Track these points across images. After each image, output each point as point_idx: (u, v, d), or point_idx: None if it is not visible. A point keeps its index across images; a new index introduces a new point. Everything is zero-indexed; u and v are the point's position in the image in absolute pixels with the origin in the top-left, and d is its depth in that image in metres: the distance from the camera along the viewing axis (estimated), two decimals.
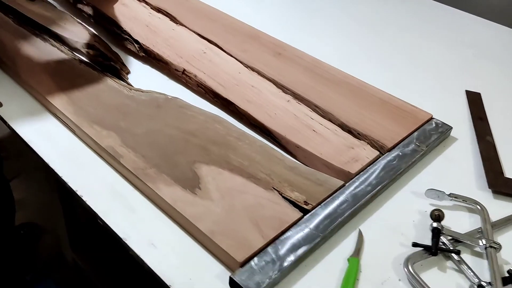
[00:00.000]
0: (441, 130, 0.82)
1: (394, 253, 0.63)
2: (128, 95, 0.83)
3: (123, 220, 0.64)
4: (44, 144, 0.74)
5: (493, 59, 1.09)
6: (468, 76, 1.02)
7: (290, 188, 0.67)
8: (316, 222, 0.63)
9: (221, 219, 0.62)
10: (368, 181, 0.70)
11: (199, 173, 0.68)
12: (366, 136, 0.78)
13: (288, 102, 0.83)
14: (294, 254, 0.59)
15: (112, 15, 1.01)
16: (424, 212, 0.69)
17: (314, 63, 0.96)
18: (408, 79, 1.00)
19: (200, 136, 0.75)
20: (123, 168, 0.69)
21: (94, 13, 1.04)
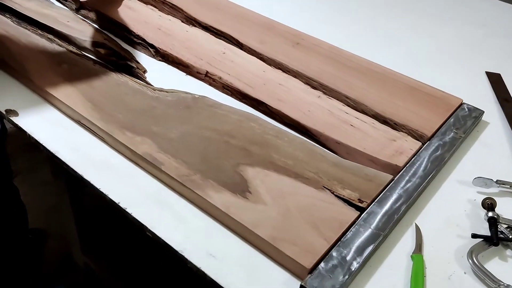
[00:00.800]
0: (474, 115, 0.81)
1: (453, 245, 0.62)
2: (153, 97, 0.79)
3: (175, 231, 0.61)
4: (73, 155, 0.70)
5: (504, 38, 1.09)
6: (484, 57, 1.02)
7: (341, 186, 0.65)
8: (376, 220, 0.61)
9: (279, 224, 0.59)
10: (416, 173, 0.69)
11: (245, 176, 0.65)
12: (403, 126, 0.76)
13: (319, 98, 0.81)
14: (360, 256, 0.57)
15: (121, 19, 0.96)
16: (474, 201, 0.68)
17: (333, 51, 0.93)
18: (426, 63, 0.98)
19: (238, 137, 0.72)
20: (165, 176, 0.66)
21: (99, 18, 0.98)
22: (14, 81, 0.83)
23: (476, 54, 1.03)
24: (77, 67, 0.83)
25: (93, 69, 0.83)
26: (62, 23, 0.95)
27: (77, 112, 0.74)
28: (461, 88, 0.89)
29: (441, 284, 0.58)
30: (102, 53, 0.89)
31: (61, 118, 0.77)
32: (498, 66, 0.98)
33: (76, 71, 0.82)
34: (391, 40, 1.05)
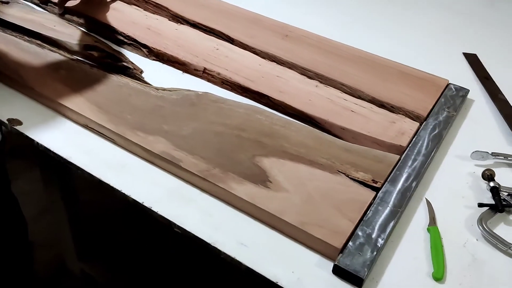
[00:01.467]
0: (461, 94, 0.86)
1: (463, 216, 0.67)
2: (158, 96, 0.79)
3: (203, 224, 0.63)
4: (86, 159, 0.70)
5: (476, 21, 1.15)
6: (460, 40, 1.08)
7: (354, 169, 0.68)
8: (392, 198, 0.65)
9: (304, 209, 0.62)
10: (420, 152, 0.73)
11: (263, 166, 0.68)
12: (400, 108, 0.81)
13: (316, 87, 0.84)
14: (383, 233, 0.61)
15: (108, 21, 0.95)
16: (473, 173, 0.73)
17: (322, 41, 0.96)
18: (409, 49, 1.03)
19: (248, 130, 0.74)
20: (184, 172, 0.67)
21: (86, 22, 0.97)
22: (11, 90, 0.82)
23: (452, 37, 1.08)
24: (75, 72, 0.83)
25: (92, 73, 0.83)
26: (49, 27, 0.94)
27: (84, 116, 0.74)
28: (443, 70, 0.94)
29: (457, 252, 0.62)
30: (96, 56, 0.88)
31: (67, 124, 0.76)
32: (473, 47, 1.04)
33: (75, 75, 0.82)
34: (373, 28, 1.09)
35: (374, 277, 0.58)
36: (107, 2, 1.01)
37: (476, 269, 0.60)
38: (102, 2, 1.00)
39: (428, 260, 0.60)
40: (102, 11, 0.99)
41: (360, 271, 0.56)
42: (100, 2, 1.00)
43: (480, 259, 0.61)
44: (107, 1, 1.01)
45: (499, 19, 1.17)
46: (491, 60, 1.00)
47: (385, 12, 1.16)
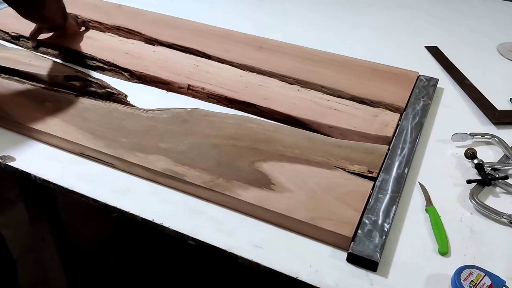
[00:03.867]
0: (432, 84, 0.92)
1: (454, 193, 0.71)
2: (149, 117, 0.81)
3: (215, 233, 0.64)
4: (89, 186, 0.71)
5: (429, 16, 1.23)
6: (419, 34, 1.15)
7: (349, 163, 0.72)
8: (389, 185, 0.69)
9: (310, 205, 0.65)
10: (406, 140, 0.77)
11: (263, 171, 0.70)
12: (379, 102, 0.85)
13: (298, 91, 0.88)
14: (388, 218, 0.64)
15: (85, 50, 0.96)
16: (456, 154, 0.79)
17: (295, 49, 1.01)
18: (374, 47, 1.09)
19: (242, 139, 0.76)
20: (189, 186, 0.69)
21: (61, 52, 0.98)
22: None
23: (412, 33, 1.15)
24: (61, 103, 0.83)
25: (78, 102, 0.84)
26: (25, 63, 0.94)
27: (80, 144, 0.74)
28: (411, 64, 1.00)
29: (456, 226, 0.66)
30: (78, 85, 0.89)
31: (61, 154, 0.76)
32: (433, 40, 1.11)
33: (62, 106, 0.82)
34: (336, 31, 1.15)
35: (385, 259, 0.61)
36: (80, 31, 1.02)
37: (475, 239, 0.64)
38: (76, 32, 1.01)
39: (431, 238, 0.64)
40: (77, 40, 1.00)
41: (374, 255, 0.59)
42: (74, 33, 1.01)
43: (478, 231, 0.66)
44: (80, 31, 1.02)
45: (450, 12, 1.25)
46: (452, 51, 1.08)
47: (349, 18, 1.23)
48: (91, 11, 1.13)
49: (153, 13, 1.14)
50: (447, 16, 1.23)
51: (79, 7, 1.15)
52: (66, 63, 0.96)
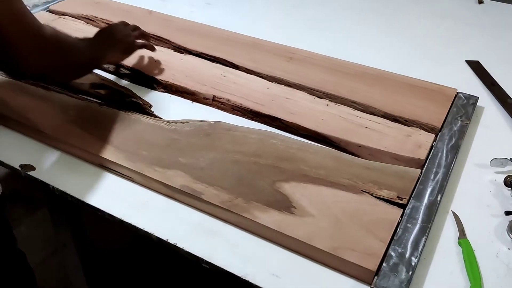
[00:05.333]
0: (471, 102, 0.86)
1: (491, 225, 0.66)
2: (171, 129, 0.79)
3: (231, 257, 0.61)
4: (106, 200, 0.69)
5: (472, 27, 1.16)
6: (460, 47, 1.08)
7: (378, 187, 0.68)
8: (420, 214, 0.64)
9: (333, 233, 0.61)
10: (441, 164, 0.72)
11: (284, 192, 0.67)
12: (414, 121, 0.80)
13: (328, 106, 0.84)
14: (416, 251, 0.60)
15: None
16: (495, 181, 0.73)
17: (326, 60, 0.97)
18: (411, 60, 1.04)
19: (264, 156, 0.73)
20: (206, 205, 0.66)
21: None
22: (19, 136, 0.81)
23: (452, 46, 1.09)
24: (84, 112, 0.82)
25: (101, 111, 0.83)
26: None
27: (99, 156, 0.73)
28: (449, 79, 0.94)
29: (491, 263, 0.61)
30: (103, 93, 0.88)
31: (81, 165, 0.75)
32: (475, 54, 1.05)
33: (84, 115, 0.81)
34: (371, 42, 1.10)
35: None
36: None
37: None
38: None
39: (463, 274, 0.59)
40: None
41: None
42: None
43: None
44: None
45: (493, 24, 1.18)
46: (494, 66, 1.01)
47: (385, 27, 1.17)
48: (123, 16, 1.11)
49: (183, 20, 1.12)
50: (491, 28, 1.16)
51: (112, 12, 1.14)
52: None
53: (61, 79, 0.80)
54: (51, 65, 0.69)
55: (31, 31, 0.64)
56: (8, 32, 0.61)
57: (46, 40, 0.67)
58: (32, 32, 0.64)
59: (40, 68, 0.68)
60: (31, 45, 0.64)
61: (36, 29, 0.65)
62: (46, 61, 0.68)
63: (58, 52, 0.70)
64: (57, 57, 0.69)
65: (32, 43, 0.64)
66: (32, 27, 0.64)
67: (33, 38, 0.65)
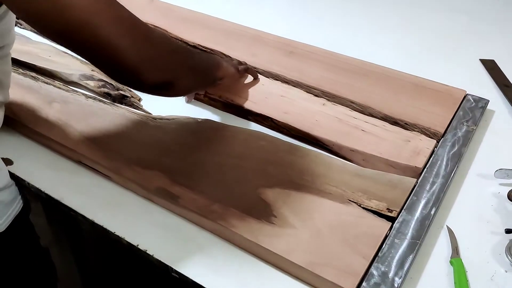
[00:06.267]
0: (480, 105, 0.80)
1: (488, 243, 0.61)
2: (156, 126, 0.75)
3: (203, 267, 0.58)
4: (80, 199, 0.66)
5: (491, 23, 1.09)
6: (475, 44, 1.01)
7: (367, 197, 0.63)
8: (409, 229, 0.59)
9: (312, 246, 0.57)
10: (439, 173, 0.67)
11: (266, 199, 0.63)
12: (415, 125, 0.75)
13: (324, 105, 0.79)
14: (401, 270, 0.55)
15: None
16: (498, 193, 0.67)
17: (329, 56, 0.91)
18: (420, 58, 0.97)
19: (250, 158, 0.69)
20: (183, 209, 0.63)
21: None
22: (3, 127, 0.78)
23: (466, 42, 1.02)
24: (69, 104, 0.79)
25: (87, 105, 0.79)
26: (44, 58, 0.91)
27: (77, 152, 0.70)
28: (459, 79, 0.88)
29: (484, 286, 0.56)
30: (92, 85, 0.85)
31: (60, 161, 0.73)
32: (490, 52, 0.98)
33: (69, 109, 0.78)
34: (381, 38, 1.04)
35: None
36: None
37: None
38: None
39: None
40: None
41: None
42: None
43: None
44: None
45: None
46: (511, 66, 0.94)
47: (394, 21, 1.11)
48: (123, 4, 1.08)
49: (185, 9, 1.08)
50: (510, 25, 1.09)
51: None
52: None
53: (186, 88, 0.70)
54: (172, 71, 0.62)
55: (143, 36, 0.57)
56: (119, 43, 0.54)
57: (159, 43, 0.60)
58: (142, 36, 0.57)
59: (160, 74, 0.59)
60: (146, 52, 0.57)
61: (147, 33, 0.58)
62: (164, 66, 0.60)
63: (175, 56, 0.63)
64: (175, 61, 0.62)
65: (147, 50, 0.57)
66: (143, 31, 0.58)
67: (145, 44, 0.57)
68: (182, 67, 0.64)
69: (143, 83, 0.58)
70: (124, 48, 0.55)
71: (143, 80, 0.58)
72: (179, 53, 0.64)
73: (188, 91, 0.75)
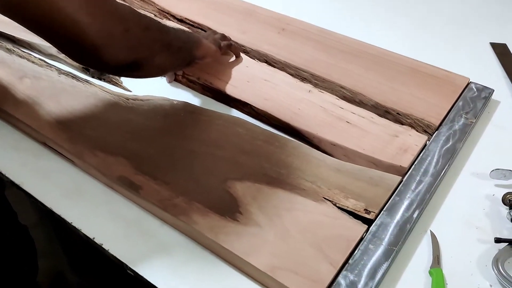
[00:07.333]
0: (484, 95, 0.73)
1: (475, 253, 0.55)
2: (127, 107, 0.70)
3: (160, 266, 0.54)
4: (41, 185, 0.62)
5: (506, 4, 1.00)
6: (486, 26, 0.93)
7: (344, 195, 0.57)
8: (387, 234, 0.54)
9: (277, 249, 0.52)
10: (428, 171, 0.61)
11: (234, 193, 0.58)
12: (407, 115, 0.69)
13: (310, 92, 0.73)
14: (372, 280, 0.50)
15: None
16: (492, 196, 0.61)
17: (323, 35, 0.85)
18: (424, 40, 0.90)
19: (224, 146, 0.64)
20: (144, 201, 0.58)
21: None
22: None
23: (477, 23, 0.94)
24: (40, 81, 0.75)
25: (58, 81, 0.75)
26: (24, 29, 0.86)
27: (41, 133, 0.66)
28: (465, 64, 0.81)
29: None
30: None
31: (26, 142, 0.69)
32: (503, 36, 0.90)
33: (39, 85, 0.74)
34: (383, 17, 0.96)
35: None
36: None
37: None
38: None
39: None
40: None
41: None
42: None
43: None
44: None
45: None
46: None
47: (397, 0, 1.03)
48: None
49: None
50: None
51: None
52: None
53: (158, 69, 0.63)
54: (142, 49, 0.56)
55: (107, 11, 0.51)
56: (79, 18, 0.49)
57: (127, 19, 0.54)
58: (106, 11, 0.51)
59: (125, 54, 0.54)
60: (111, 28, 0.51)
61: (112, 7, 0.52)
62: (132, 43, 0.54)
63: (145, 33, 0.57)
64: (145, 39, 0.56)
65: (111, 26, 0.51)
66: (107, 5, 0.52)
67: (109, 19, 0.51)
68: (154, 46, 0.58)
69: (106, 64, 0.54)
70: (84, 24, 0.50)
71: (105, 61, 0.53)
72: (151, 30, 0.59)
73: (161, 72, 0.69)
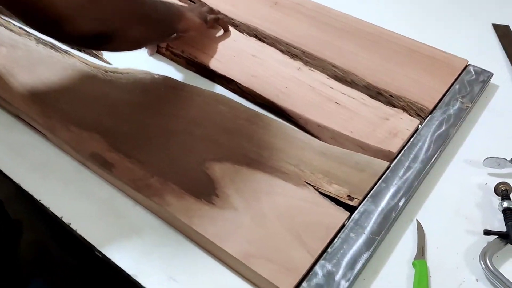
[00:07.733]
0: (482, 79, 0.70)
1: (463, 245, 0.52)
2: (106, 80, 0.67)
3: (130, 250, 0.51)
4: (12, 159, 0.60)
5: None
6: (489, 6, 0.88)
7: (327, 180, 0.54)
8: (370, 222, 0.51)
9: (252, 234, 0.49)
10: (418, 157, 0.58)
11: (212, 175, 0.55)
12: (400, 98, 0.65)
13: (299, 70, 0.69)
14: (350, 271, 0.47)
15: None
16: (485, 185, 0.58)
17: (318, 10, 0.81)
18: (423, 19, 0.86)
19: (204, 124, 0.61)
20: (116, 180, 0.55)
21: None
22: None
23: (479, 3, 0.89)
24: (17, 50, 0.71)
25: (36, 51, 0.71)
26: None
27: (14, 106, 0.63)
28: (464, 46, 0.77)
29: None
30: None
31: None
32: (505, 17, 0.85)
33: (16, 55, 0.70)
34: None
35: None
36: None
37: None
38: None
39: None
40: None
41: None
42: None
43: None
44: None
45: None
46: None
47: None
48: None
49: None
50: None
51: None
52: None
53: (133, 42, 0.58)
54: (113, 20, 0.52)
55: None
56: None
57: None
58: None
59: (92, 24, 0.49)
60: None
61: None
62: (102, 13, 0.50)
63: (118, 3, 0.52)
64: (116, 8, 0.52)
65: None
66: None
67: None
68: (126, 17, 0.54)
69: (70, 35, 0.50)
70: None
71: (69, 31, 0.49)
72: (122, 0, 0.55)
73: (136, 45, 0.65)
